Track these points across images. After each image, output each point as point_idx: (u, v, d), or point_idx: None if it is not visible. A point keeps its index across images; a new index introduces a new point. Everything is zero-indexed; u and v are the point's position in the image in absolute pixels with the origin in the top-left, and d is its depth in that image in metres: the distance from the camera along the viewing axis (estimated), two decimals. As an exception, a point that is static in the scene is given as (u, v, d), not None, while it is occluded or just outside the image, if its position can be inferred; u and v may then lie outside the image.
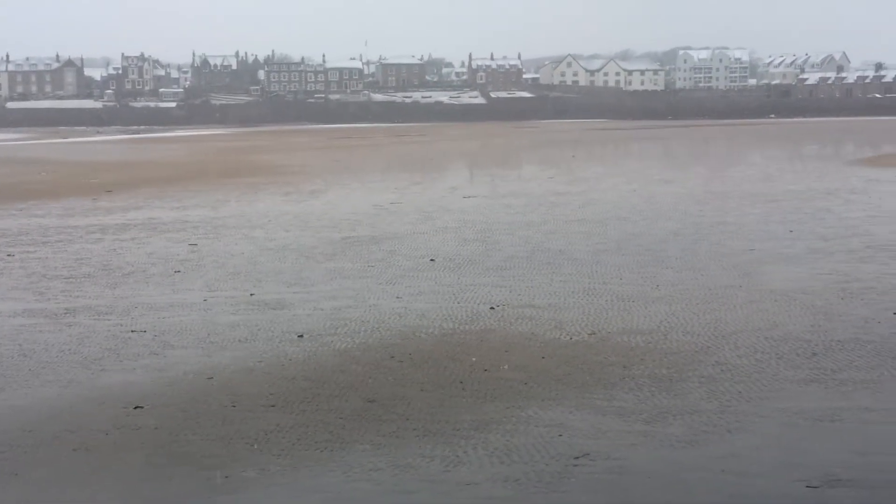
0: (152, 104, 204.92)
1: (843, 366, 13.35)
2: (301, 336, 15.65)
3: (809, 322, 15.92)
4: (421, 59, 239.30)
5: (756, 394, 12.22)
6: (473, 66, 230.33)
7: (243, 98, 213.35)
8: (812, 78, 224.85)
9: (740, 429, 10.99)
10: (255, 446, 10.74)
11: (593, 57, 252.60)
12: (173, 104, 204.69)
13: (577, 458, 10.22)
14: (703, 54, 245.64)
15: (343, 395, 12.50)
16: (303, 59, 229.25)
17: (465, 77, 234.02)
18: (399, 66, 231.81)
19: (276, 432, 11.15)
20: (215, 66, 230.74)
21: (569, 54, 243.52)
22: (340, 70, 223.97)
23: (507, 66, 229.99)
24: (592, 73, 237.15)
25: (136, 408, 12.11)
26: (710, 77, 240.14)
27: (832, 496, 9.19)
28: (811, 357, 13.82)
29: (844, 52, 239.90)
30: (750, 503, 9.12)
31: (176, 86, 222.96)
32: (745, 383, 12.64)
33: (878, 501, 9.08)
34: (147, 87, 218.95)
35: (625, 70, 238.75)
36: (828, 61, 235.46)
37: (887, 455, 10.15)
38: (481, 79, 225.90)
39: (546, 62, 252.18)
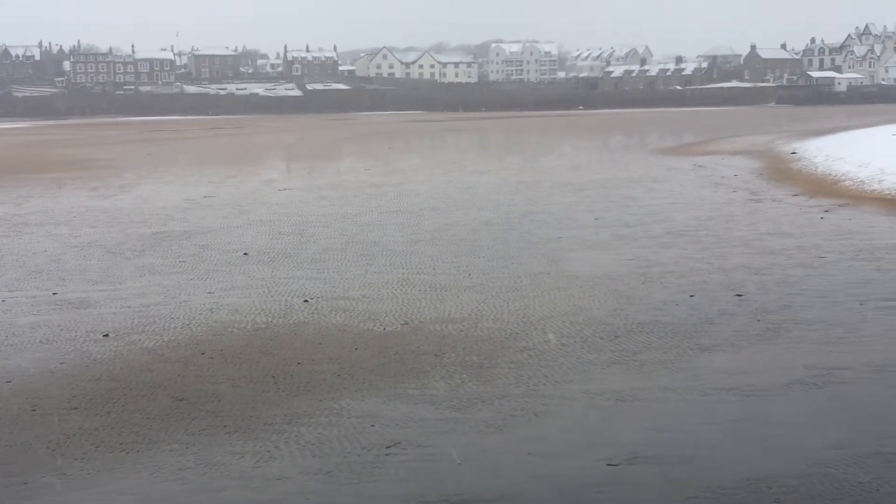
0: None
1: (642, 347, 13.93)
2: (107, 335, 15.16)
3: (612, 306, 16.52)
4: (235, 51, 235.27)
5: (561, 377, 12.60)
6: (289, 57, 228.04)
7: (48, 90, 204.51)
8: (617, 71, 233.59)
9: (546, 412, 11.33)
10: (57, 451, 10.36)
11: (409, 49, 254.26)
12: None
13: (389, 447, 10.30)
14: (515, 47, 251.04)
15: (151, 395, 12.19)
16: (111, 49, 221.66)
17: (280, 69, 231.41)
18: (212, 57, 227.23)
19: (78, 435, 10.78)
20: (17, 56, 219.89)
21: (384, 46, 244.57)
22: (151, 61, 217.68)
23: (323, 58, 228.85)
24: (408, 65, 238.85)
25: (-74, 417, 11.47)
26: (522, 70, 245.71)
27: (631, 473, 9.58)
28: (613, 340, 14.35)
29: (647, 46, 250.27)
30: (554, 483, 9.41)
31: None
32: (552, 367, 13.02)
33: (675, 476, 9.50)
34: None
35: (439, 62, 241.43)
36: (632, 54, 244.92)
37: (683, 431, 10.65)
38: (297, 70, 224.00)
39: (362, 54, 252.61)
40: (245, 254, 22.75)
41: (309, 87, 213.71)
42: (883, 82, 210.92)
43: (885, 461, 9.60)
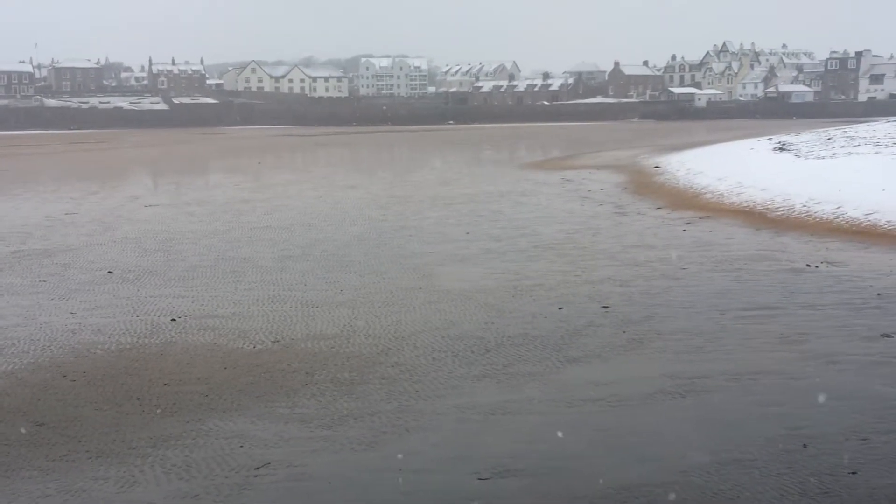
0: None
1: (512, 360, 14.08)
2: (-39, 360, 14.55)
3: (483, 320, 16.66)
4: (98, 63, 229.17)
5: (433, 392, 12.64)
6: (154, 70, 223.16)
7: None
8: (486, 86, 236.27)
9: (418, 427, 11.34)
10: None
11: (278, 63, 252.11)
12: None
13: (259, 468, 10.16)
14: (385, 62, 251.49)
15: (8, 420, 11.73)
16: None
17: (145, 82, 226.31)
18: (74, 69, 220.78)
19: (-70, 466, 10.31)
20: None
21: (253, 60, 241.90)
22: (8, 74, 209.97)
23: (190, 72, 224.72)
24: (277, 79, 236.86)
25: None
26: (392, 84, 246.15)
27: (502, 486, 9.67)
28: (484, 353, 14.47)
29: (515, 62, 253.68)
30: (424, 499, 9.43)
31: None
32: (423, 382, 13.05)
33: (544, 487, 9.63)
34: None
35: (309, 77, 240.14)
36: (500, 70, 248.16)
37: (552, 443, 10.80)
38: (163, 84, 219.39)
39: (230, 68, 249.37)
40: (109, 272, 22.16)
41: (175, 100, 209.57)
42: (740, 98, 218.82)
43: (744, 468, 9.92)
